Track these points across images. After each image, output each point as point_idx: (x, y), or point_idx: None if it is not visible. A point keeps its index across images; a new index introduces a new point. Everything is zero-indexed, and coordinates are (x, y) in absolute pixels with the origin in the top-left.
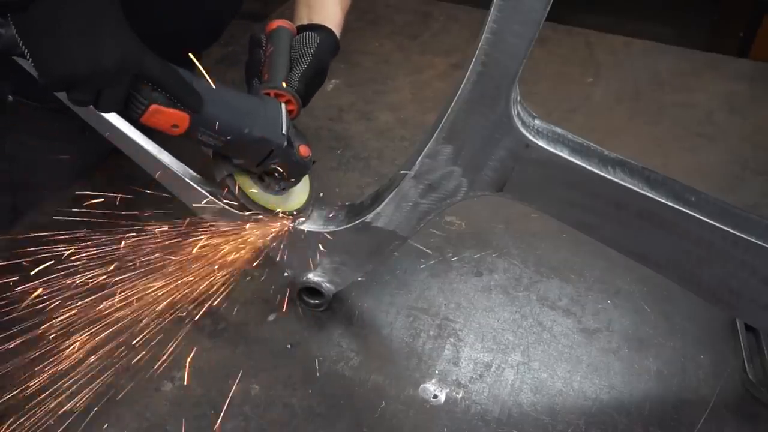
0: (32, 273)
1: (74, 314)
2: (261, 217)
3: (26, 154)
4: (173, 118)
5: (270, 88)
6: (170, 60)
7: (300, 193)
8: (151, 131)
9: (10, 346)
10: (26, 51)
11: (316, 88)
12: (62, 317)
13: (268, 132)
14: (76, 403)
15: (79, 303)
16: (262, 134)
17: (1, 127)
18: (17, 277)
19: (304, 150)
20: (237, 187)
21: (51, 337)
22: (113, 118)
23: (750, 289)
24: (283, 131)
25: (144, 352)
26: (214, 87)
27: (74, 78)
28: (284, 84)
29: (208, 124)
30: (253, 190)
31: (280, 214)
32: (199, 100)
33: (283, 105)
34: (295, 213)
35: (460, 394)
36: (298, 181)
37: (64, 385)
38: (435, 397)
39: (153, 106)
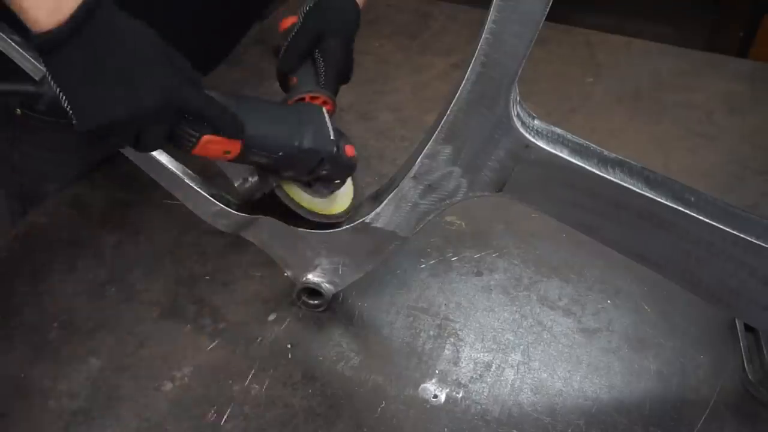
0: None
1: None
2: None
3: (33, 165)
4: (225, 145)
5: (304, 92)
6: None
7: (345, 194)
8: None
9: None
10: (63, 98)
11: (346, 80)
12: (62, 317)
13: (317, 142)
14: (77, 403)
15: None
16: (311, 145)
17: (9, 139)
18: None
19: (350, 150)
20: (287, 197)
21: (51, 335)
22: None
23: (750, 289)
24: (332, 137)
25: (144, 352)
26: (254, 104)
27: (113, 125)
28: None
29: (259, 144)
30: (303, 199)
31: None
32: (240, 126)
33: (323, 109)
34: (341, 214)
35: (460, 394)
36: (344, 182)
37: (65, 385)
38: (435, 397)
39: (205, 137)
